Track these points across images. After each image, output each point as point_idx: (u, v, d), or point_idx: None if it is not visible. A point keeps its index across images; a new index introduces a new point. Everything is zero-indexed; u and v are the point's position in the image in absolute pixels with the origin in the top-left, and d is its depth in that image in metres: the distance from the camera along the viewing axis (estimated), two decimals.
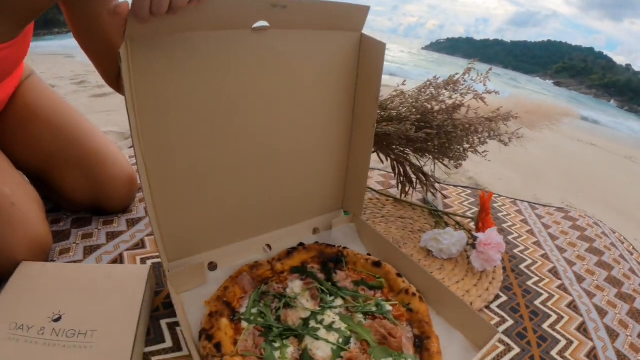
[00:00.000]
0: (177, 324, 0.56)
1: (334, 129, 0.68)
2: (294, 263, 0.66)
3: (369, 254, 0.70)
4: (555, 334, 0.63)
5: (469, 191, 1.13)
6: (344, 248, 0.70)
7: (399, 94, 0.89)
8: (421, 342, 0.55)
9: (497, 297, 0.70)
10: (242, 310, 0.57)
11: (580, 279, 0.78)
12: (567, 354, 0.59)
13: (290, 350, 0.51)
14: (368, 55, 0.62)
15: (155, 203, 0.53)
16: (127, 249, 0.69)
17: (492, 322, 0.64)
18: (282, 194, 0.69)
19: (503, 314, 0.67)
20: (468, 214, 1.00)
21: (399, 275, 0.65)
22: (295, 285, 0.62)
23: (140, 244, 0.71)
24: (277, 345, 0.51)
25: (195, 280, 0.61)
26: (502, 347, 0.60)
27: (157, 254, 0.64)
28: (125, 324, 0.48)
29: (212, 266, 0.64)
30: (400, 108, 0.88)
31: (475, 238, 0.79)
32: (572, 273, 0.79)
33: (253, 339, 0.52)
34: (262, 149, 0.61)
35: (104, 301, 0.50)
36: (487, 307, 0.68)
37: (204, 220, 0.61)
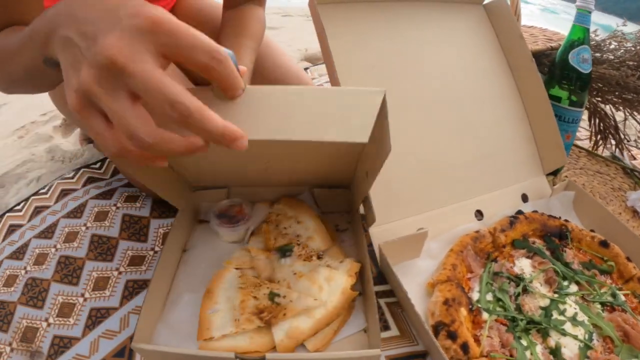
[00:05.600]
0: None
1: (498, 98, 0.69)
2: (516, 235, 0.59)
3: (592, 230, 0.61)
4: None
5: None
6: (566, 221, 0.61)
7: (616, 35, 0.74)
8: None
9: None
10: (474, 295, 0.51)
11: None
12: None
13: (539, 348, 0.47)
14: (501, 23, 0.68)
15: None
16: None
17: None
18: (481, 156, 0.65)
19: None
20: None
21: (628, 259, 0.56)
22: (523, 265, 0.56)
23: None
24: (524, 342, 0.47)
25: (409, 252, 0.56)
26: None
27: None
28: None
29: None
30: (617, 52, 0.73)
31: None
32: None
33: (499, 336, 0.46)
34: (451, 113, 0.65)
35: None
36: None
37: (414, 178, 0.59)
